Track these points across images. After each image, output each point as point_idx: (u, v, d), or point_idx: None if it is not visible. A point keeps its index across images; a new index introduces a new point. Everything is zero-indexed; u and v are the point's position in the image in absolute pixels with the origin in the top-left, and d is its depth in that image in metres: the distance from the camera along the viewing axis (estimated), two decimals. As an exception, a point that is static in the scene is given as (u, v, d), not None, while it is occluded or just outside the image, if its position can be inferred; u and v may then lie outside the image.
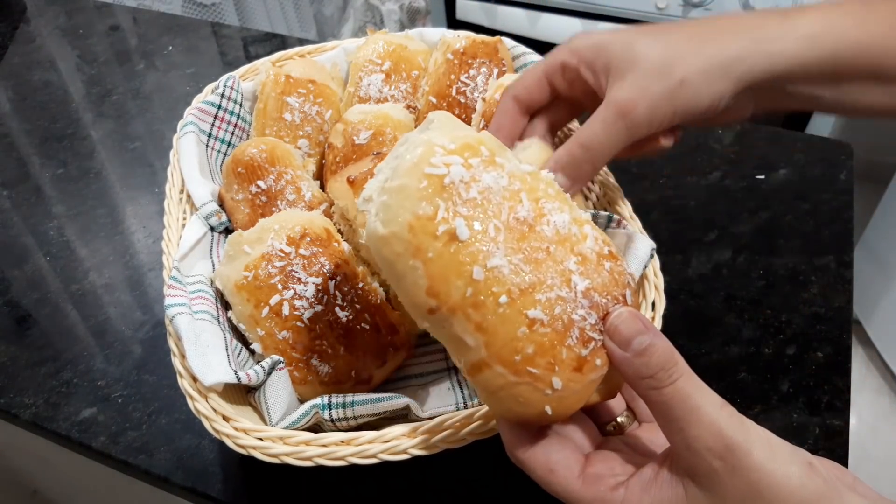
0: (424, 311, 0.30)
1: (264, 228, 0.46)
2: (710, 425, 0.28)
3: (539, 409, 0.30)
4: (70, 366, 0.55)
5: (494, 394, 0.31)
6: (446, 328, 0.30)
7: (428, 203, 0.29)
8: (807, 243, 0.61)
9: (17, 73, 0.87)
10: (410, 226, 0.29)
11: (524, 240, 0.30)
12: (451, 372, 0.49)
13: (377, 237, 0.30)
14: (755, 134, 0.73)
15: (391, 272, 0.31)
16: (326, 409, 0.40)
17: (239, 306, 0.45)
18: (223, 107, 0.56)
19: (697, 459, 0.29)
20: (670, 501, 0.29)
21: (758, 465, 0.28)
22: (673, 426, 0.29)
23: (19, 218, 0.68)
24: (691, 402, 0.29)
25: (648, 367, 0.30)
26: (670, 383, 0.29)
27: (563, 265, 0.31)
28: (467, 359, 0.30)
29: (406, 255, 0.29)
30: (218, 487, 0.47)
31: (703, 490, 0.29)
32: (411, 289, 0.30)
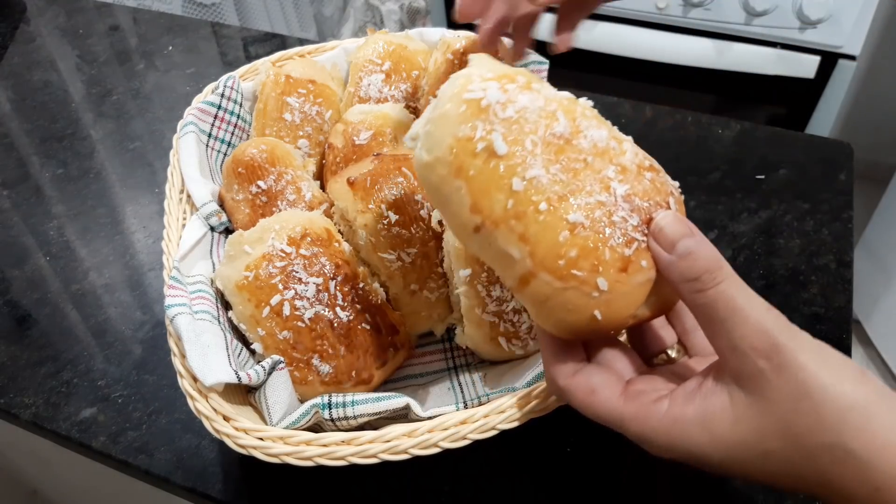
0: (470, 229, 0.31)
1: (265, 228, 0.46)
2: (756, 325, 0.28)
3: (588, 315, 0.31)
4: (70, 366, 0.55)
5: (543, 305, 0.31)
6: (493, 245, 0.31)
7: (467, 124, 0.31)
8: (807, 243, 0.61)
9: (17, 73, 0.87)
10: (451, 147, 0.31)
11: (562, 152, 0.31)
12: (451, 372, 0.49)
13: (423, 165, 0.32)
14: (755, 134, 0.73)
15: (438, 198, 0.32)
16: (326, 408, 0.40)
17: (239, 306, 0.45)
18: (223, 107, 0.56)
19: (743, 361, 0.28)
20: (715, 409, 0.29)
21: (805, 364, 0.27)
22: (717, 328, 0.29)
23: (19, 218, 0.68)
24: (736, 303, 0.29)
25: (693, 270, 0.30)
26: (714, 285, 0.29)
27: (601, 174, 0.32)
28: (514, 273, 0.31)
29: (450, 177, 0.31)
30: (218, 487, 0.47)
31: (749, 394, 0.28)
32: (457, 210, 0.31)
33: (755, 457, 0.28)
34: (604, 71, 1.30)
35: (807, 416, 0.26)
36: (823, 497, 0.27)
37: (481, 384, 0.46)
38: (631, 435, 0.31)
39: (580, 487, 0.46)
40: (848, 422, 0.26)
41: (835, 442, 0.26)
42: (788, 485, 0.28)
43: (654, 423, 0.30)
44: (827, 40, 1.12)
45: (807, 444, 0.27)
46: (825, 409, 0.26)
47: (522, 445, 0.47)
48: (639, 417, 0.30)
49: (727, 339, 0.29)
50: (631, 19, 1.22)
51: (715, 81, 1.23)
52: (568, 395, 0.32)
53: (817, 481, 0.27)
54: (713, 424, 0.29)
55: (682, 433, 0.29)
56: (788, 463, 0.27)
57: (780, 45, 1.16)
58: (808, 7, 1.08)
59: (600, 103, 0.77)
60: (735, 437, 0.28)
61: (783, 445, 0.27)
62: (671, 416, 0.30)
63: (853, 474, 0.26)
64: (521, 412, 0.39)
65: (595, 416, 0.32)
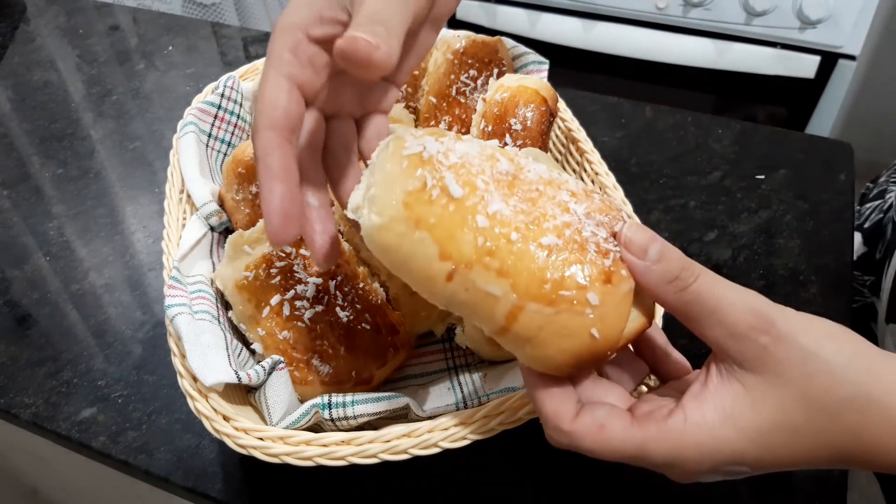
0: (443, 279, 0.30)
1: (264, 228, 0.46)
2: (746, 305, 0.28)
3: (586, 336, 0.30)
4: (70, 366, 0.55)
5: (537, 338, 0.30)
6: (469, 290, 0.30)
7: (414, 177, 0.30)
8: (807, 243, 0.61)
9: (17, 72, 0.87)
10: (406, 203, 0.30)
11: (514, 186, 0.31)
12: (451, 372, 0.49)
13: (376, 228, 0.30)
14: (755, 134, 0.73)
15: (398, 258, 0.30)
16: (326, 408, 0.40)
17: (239, 306, 0.45)
18: (223, 107, 0.56)
19: (744, 344, 0.28)
20: (732, 401, 0.28)
21: (800, 330, 0.28)
22: (709, 320, 0.29)
23: (19, 218, 0.68)
24: (720, 291, 0.29)
25: (671, 270, 0.30)
26: (694, 279, 0.29)
27: (557, 198, 0.32)
28: (499, 313, 0.30)
29: (409, 232, 0.30)
30: (218, 487, 0.47)
31: (759, 373, 0.28)
32: (423, 262, 0.30)
33: (786, 437, 0.27)
34: (603, 71, 1.30)
35: (819, 376, 0.27)
36: (861, 459, 0.27)
37: (481, 384, 0.46)
38: (657, 460, 0.29)
39: (580, 488, 0.46)
40: (858, 370, 0.27)
41: (853, 393, 0.27)
42: (824, 457, 0.28)
43: (676, 438, 0.28)
44: (827, 40, 1.12)
45: (828, 405, 0.27)
46: (833, 365, 0.27)
47: (522, 445, 0.47)
48: (660, 437, 0.29)
49: (722, 326, 0.28)
50: (631, 19, 1.22)
51: (715, 81, 1.23)
52: (577, 440, 0.30)
53: (849, 442, 0.27)
54: (736, 416, 0.28)
55: (710, 437, 0.28)
56: (818, 432, 0.27)
57: (780, 45, 1.16)
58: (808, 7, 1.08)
59: (600, 103, 0.77)
60: (761, 422, 0.28)
61: (807, 414, 0.27)
62: (693, 423, 0.28)
63: (880, 419, 0.26)
64: (522, 412, 0.39)
65: (612, 453, 0.30)
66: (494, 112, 0.53)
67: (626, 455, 0.29)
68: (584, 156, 0.54)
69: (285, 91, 0.33)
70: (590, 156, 0.54)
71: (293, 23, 0.33)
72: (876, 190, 0.67)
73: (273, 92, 0.33)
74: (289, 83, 0.33)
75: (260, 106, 0.33)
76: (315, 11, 0.33)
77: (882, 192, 0.65)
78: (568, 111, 0.58)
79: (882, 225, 0.62)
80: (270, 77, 0.33)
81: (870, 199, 0.66)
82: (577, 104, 0.61)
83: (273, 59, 0.33)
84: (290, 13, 0.34)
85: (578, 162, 0.56)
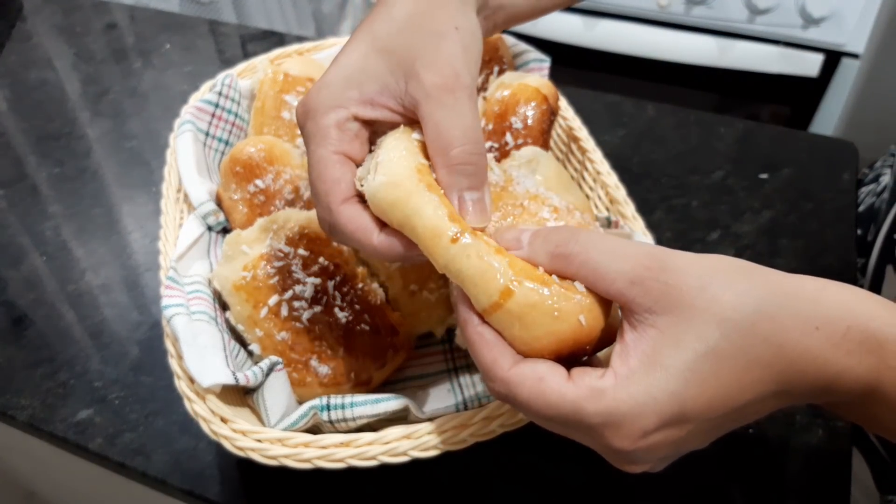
0: (448, 240, 0.30)
1: (263, 228, 0.45)
2: (636, 252, 0.29)
3: (574, 321, 0.30)
4: (66, 367, 0.54)
5: (528, 316, 0.30)
6: (472, 256, 0.30)
7: (422, 156, 0.32)
8: (810, 243, 0.61)
9: (14, 71, 0.86)
10: (417, 169, 0.31)
11: (500, 199, 0.33)
12: (450, 373, 0.48)
13: (383, 185, 0.31)
14: (758, 133, 0.72)
15: (405, 210, 0.31)
16: (325, 410, 0.40)
17: (237, 307, 0.44)
18: (221, 105, 0.56)
19: (646, 286, 0.28)
20: (652, 345, 0.28)
21: (693, 261, 0.29)
22: (604, 273, 0.29)
23: (15, 217, 0.68)
24: (608, 244, 0.30)
25: (548, 242, 0.31)
26: (576, 240, 0.30)
27: (538, 215, 0.33)
28: (495, 286, 0.30)
29: (419, 191, 0.31)
30: (215, 490, 0.46)
31: (668, 313, 0.28)
32: (432, 219, 0.31)
33: (712, 365, 0.27)
34: (606, 69, 1.29)
35: (724, 296, 0.28)
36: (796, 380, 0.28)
37: (481, 385, 0.46)
38: (594, 419, 0.28)
39: (580, 488, 0.45)
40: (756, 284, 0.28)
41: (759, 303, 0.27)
42: (756, 380, 0.28)
43: (610, 394, 0.28)
44: (830, 38, 1.12)
45: (741, 320, 0.27)
46: (732, 283, 0.28)
47: (522, 447, 0.46)
48: (595, 395, 0.28)
49: (621, 276, 0.29)
50: (633, 17, 1.22)
51: (717, 80, 1.23)
52: (513, 387, 0.30)
53: (773, 355, 0.27)
54: (660, 358, 0.28)
55: (641, 385, 0.27)
56: (740, 351, 0.27)
57: (783, 44, 1.15)
58: (812, 5, 1.07)
59: (602, 101, 0.76)
60: (685, 356, 0.27)
61: (724, 334, 0.27)
62: (622, 376, 0.28)
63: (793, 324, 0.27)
64: (521, 414, 0.38)
65: (547, 408, 0.29)
66: (495, 110, 0.53)
67: (560, 413, 0.29)
68: (585, 155, 0.54)
69: (343, 165, 0.35)
70: (591, 155, 0.53)
71: (337, 102, 0.35)
72: (871, 175, 0.67)
73: (333, 170, 0.34)
74: (343, 157, 0.35)
75: (322, 186, 0.34)
76: (366, 95, 0.35)
77: (877, 176, 0.65)
78: (569, 109, 0.57)
79: (874, 207, 0.62)
80: (323, 154, 0.34)
81: (865, 183, 0.66)
82: (579, 102, 0.61)
83: (319, 136, 0.35)
84: (333, 92, 0.35)
85: (580, 161, 0.55)
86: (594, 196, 0.53)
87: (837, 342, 0.27)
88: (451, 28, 0.35)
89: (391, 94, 0.35)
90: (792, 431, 0.48)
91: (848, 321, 0.27)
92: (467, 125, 0.33)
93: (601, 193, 0.51)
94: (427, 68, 0.33)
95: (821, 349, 0.27)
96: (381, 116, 0.35)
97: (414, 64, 0.34)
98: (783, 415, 0.49)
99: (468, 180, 0.33)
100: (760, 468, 0.46)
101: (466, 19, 0.36)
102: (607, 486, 0.45)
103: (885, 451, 0.53)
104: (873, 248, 0.58)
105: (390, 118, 0.35)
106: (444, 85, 0.33)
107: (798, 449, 0.47)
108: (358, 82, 0.35)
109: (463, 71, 0.34)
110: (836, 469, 0.46)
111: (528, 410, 0.30)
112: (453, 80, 0.33)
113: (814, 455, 0.47)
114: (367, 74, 0.35)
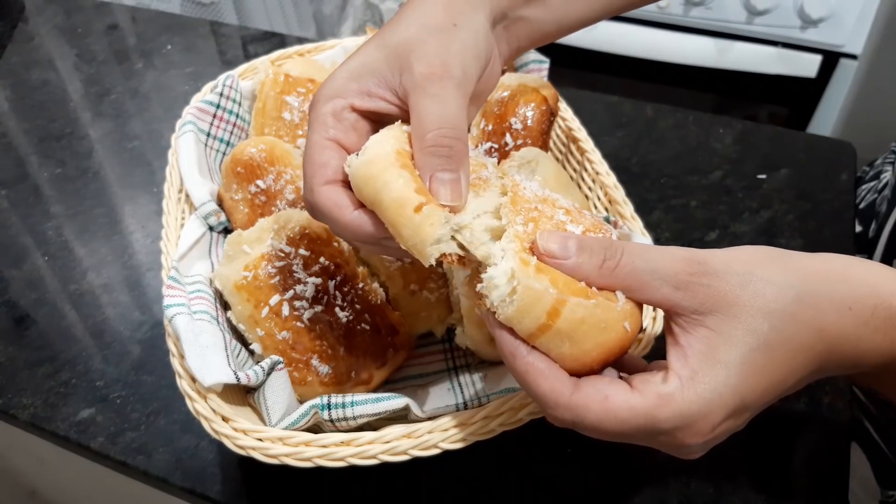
0: (412, 208, 0.31)
1: (264, 228, 0.45)
2: (677, 258, 0.30)
3: (620, 328, 0.31)
4: (68, 366, 0.54)
5: (578, 332, 0.30)
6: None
7: (408, 143, 0.33)
8: (808, 243, 0.61)
9: (16, 72, 0.87)
10: (397, 152, 0.32)
11: (516, 203, 0.33)
12: (451, 372, 0.49)
13: (361, 163, 0.32)
14: (757, 133, 0.73)
15: (375, 185, 0.32)
16: (326, 409, 0.40)
17: (238, 306, 0.44)
18: (222, 106, 0.56)
19: (691, 290, 0.29)
20: (707, 344, 0.29)
21: (732, 258, 0.30)
22: (652, 283, 0.30)
23: (17, 218, 0.68)
24: (650, 254, 0.31)
25: (596, 255, 0.31)
26: (621, 254, 0.31)
27: (555, 219, 0.33)
28: (542, 307, 0.29)
29: (392, 168, 0.31)
30: (217, 488, 0.46)
31: (716, 312, 0.29)
32: (398, 191, 0.31)
33: (764, 355, 0.29)
34: (605, 70, 1.30)
35: (765, 290, 0.29)
36: (834, 360, 0.30)
37: (481, 385, 0.46)
38: (667, 424, 0.28)
39: (580, 487, 0.45)
40: (793, 273, 0.30)
41: (798, 292, 0.29)
42: (803, 364, 0.30)
43: (678, 397, 0.28)
44: (828, 39, 1.12)
45: (784, 310, 0.29)
46: (770, 277, 0.30)
47: (522, 446, 0.47)
48: (664, 400, 0.28)
49: (666, 284, 0.30)
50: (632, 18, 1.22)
51: (716, 80, 1.23)
52: (580, 412, 0.29)
53: (815, 340, 0.29)
54: (717, 355, 0.29)
55: (706, 384, 0.29)
56: (787, 339, 0.29)
57: (781, 44, 1.15)
58: (810, 6, 1.07)
59: (601, 102, 0.76)
60: (740, 350, 0.29)
61: (772, 325, 0.29)
62: (686, 378, 0.29)
63: (829, 307, 0.29)
64: (522, 413, 0.38)
65: (619, 425, 0.29)
66: (495, 111, 0.53)
67: (633, 426, 0.29)
68: (584, 155, 0.54)
69: (333, 150, 0.36)
70: (590, 155, 0.53)
71: (337, 92, 0.36)
72: (872, 172, 0.67)
73: (322, 154, 0.36)
74: (334, 144, 0.36)
75: (310, 168, 0.36)
76: (363, 87, 0.36)
77: (878, 173, 0.66)
78: (568, 110, 0.58)
79: (876, 204, 0.62)
80: (316, 139, 0.36)
81: (866, 181, 0.67)
82: (578, 103, 0.61)
83: (316, 122, 0.36)
84: (335, 84, 0.37)
85: (579, 161, 0.55)
86: (593, 196, 0.53)
87: (867, 320, 0.30)
88: (450, 25, 0.36)
89: (387, 85, 0.36)
90: (791, 431, 0.48)
91: (874, 299, 0.30)
92: (447, 112, 0.34)
93: (600, 193, 0.52)
94: (419, 60, 0.35)
95: (854, 329, 0.29)
96: (377, 107, 0.36)
97: (409, 56, 0.35)
98: (782, 415, 0.49)
99: (441, 161, 0.33)
100: (760, 466, 0.46)
101: (469, 20, 0.37)
102: (607, 486, 0.46)
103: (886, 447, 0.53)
104: (876, 245, 0.58)
105: (387, 109, 0.36)
106: (432, 75, 0.34)
107: (797, 446, 0.48)
108: (358, 75, 0.36)
109: (452, 63, 0.35)
110: (834, 464, 0.47)
111: (597, 431, 0.30)
112: (441, 70, 0.34)
113: (812, 451, 0.47)
114: (367, 68, 0.36)
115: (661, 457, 0.46)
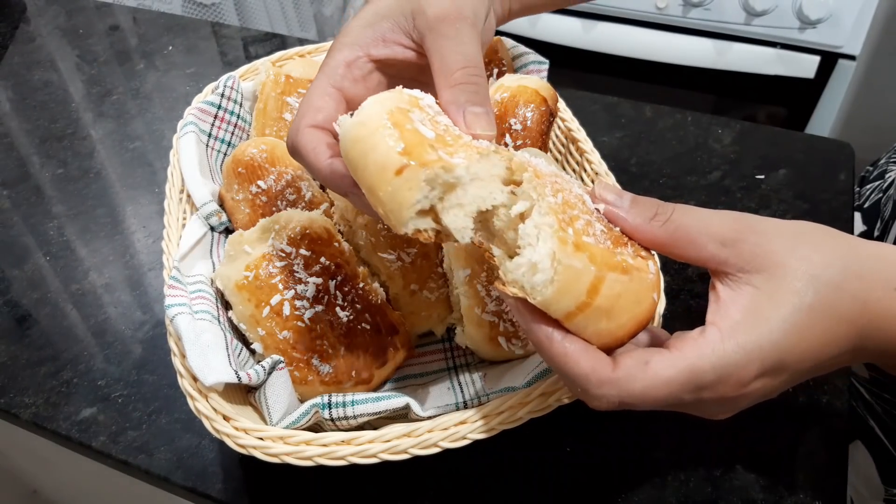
0: (393, 170, 0.29)
1: (265, 228, 0.46)
2: (724, 218, 0.31)
3: (650, 299, 0.31)
4: (70, 365, 0.55)
5: (616, 306, 0.29)
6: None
7: (405, 103, 0.31)
8: (806, 243, 0.61)
9: (17, 72, 0.87)
10: (389, 112, 0.31)
11: (540, 176, 0.31)
12: (451, 372, 0.49)
13: (352, 124, 0.31)
14: (755, 134, 0.73)
15: (362, 148, 0.30)
16: (326, 408, 0.40)
17: (239, 306, 0.45)
18: (223, 107, 0.56)
19: (738, 247, 0.30)
20: (751, 300, 0.29)
21: (778, 224, 0.30)
22: (700, 240, 0.30)
23: (19, 217, 0.68)
24: (699, 213, 0.31)
25: (648, 208, 0.32)
26: (672, 210, 0.31)
27: (574, 191, 0.33)
28: (582, 287, 0.28)
29: (381, 129, 0.30)
30: (218, 487, 0.47)
31: (763, 270, 0.29)
32: (383, 153, 0.30)
33: (807, 317, 0.29)
34: (604, 71, 1.30)
35: (814, 255, 0.29)
36: (874, 337, 0.30)
37: (481, 384, 0.46)
38: (709, 377, 0.28)
39: (580, 487, 0.46)
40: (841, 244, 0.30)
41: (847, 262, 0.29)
42: (843, 336, 0.29)
43: (718, 347, 0.28)
44: (827, 40, 1.12)
45: (832, 277, 0.29)
46: (820, 243, 0.30)
47: (522, 445, 0.47)
48: (704, 353, 0.28)
49: (713, 241, 0.30)
50: (631, 19, 1.22)
51: (715, 81, 1.23)
52: (625, 384, 0.29)
53: (858, 312, 0.29)
54: (760, 311, 0.29)
55: (747, 333, 0.29)
56: (830, 306, 0.29)
57: (779, 45, 1.16)
58: (808, 7, 1.08)
59: (600, 103, 0.77)
60: (783, 310, 0.29)
61: (817, 289, 0.29)
62: (727, 328, 0.29)
63: (876, 280, 0.29)
64: (521, 412, 0.39)
65: (665, 387, 0.28)
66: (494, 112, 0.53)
67: (679, 384, 0.29)
68: (583, 156, 0.54)
69: (332, 99, 0.36)
70: (590, 156, 0.54)
71: (354, 40, 0.36)
72: (876, 171, 0.67)
73: (320, 98, 0.35)
74: (337, 93, 0.36)
75: (303, 108, 0.35)
76: (378, 33, 0.37)
77: (882, 172, 0.66)
78: (568, 111, 0.58)
79: (881, 203, 0.62)
80: (319, 84, 0.36)
81: (870, 180, 0.67)
82: (577, 104, 0.61)
83: (327, 68, 0.36)
84: (352, 32, 0.37)
85: (578, 162, 0.56)
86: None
87: None
88: None
89: (402, 30, 0.37)
90: (789, 431, 0.49)
91: None
92: (468, 51, 0.35)
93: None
94: (430, 4, 0.35)
95: None
96: (393, 54, 0.37)
97: (420, 1, 0.36)
98: (781, 415, 0.49)
99: (470, 96, 0.34)
100: (759, 466, 0.47)
101: None
102: (606, 485, 0.46)
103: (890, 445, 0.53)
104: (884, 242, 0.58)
105: (403, 55, 0.37)
106: (446, 16, 0.35)
107: (796, 445, 0.48)
108: (372, 22, 0.37)
109: (464, 5, 0.36)
110: (833, 463, 0.47)
111: (645, 400, 0.29)
112: (455, 12, 0.35)
113: (811, 450, 0.47)
114: (380, 15, 0.37)
115: (660, 456, 0.47)
